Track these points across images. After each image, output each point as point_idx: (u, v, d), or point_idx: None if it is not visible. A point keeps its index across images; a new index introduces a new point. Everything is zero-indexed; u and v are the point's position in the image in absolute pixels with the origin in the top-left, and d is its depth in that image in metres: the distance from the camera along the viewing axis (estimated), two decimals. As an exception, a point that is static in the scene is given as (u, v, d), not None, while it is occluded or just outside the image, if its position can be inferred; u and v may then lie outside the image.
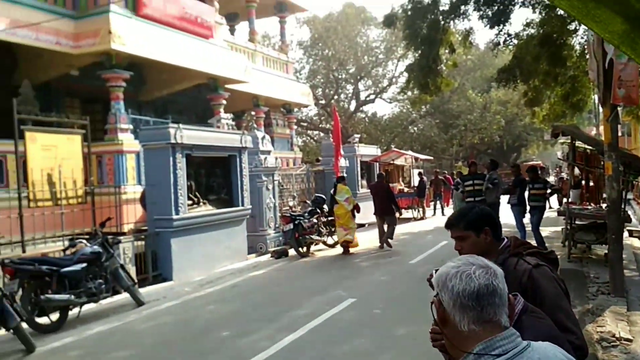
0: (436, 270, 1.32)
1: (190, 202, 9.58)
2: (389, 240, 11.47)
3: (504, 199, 10.89)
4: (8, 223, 7.62)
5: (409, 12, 13.97)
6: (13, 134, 7.71)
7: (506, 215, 10.62)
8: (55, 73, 11.56)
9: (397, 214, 12.26)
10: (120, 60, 11.25)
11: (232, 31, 19.66)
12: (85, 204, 8.99)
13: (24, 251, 7.72)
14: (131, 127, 11.55)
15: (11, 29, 9.69)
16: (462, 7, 13.24)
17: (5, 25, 9.59)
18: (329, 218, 12.07)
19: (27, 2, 10.29)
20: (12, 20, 9.72)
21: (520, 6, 12.75)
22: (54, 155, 8.47)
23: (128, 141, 11.17)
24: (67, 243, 7.26)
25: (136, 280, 7.82)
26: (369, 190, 14.64)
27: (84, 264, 6.69)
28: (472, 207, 2.12)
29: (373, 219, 12.54)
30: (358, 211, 11.53)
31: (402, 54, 30.16)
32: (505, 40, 13.65)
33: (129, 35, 10.88)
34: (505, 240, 2.06)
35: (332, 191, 11.85)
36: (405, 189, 19.29)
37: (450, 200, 19.10)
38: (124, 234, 9.32)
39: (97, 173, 10.81)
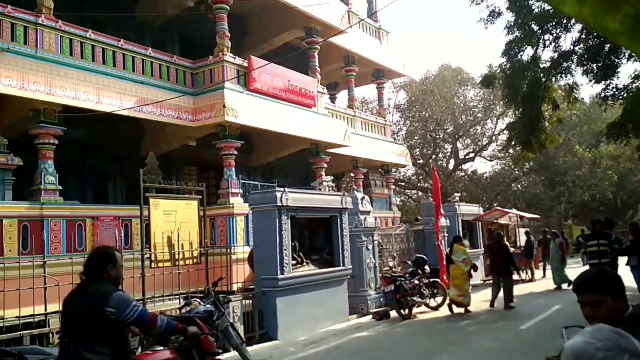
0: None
1: (294, 262, 9.94)
2: (510, 304, 11.27)
3: (622, 260, 10.16)
4: (131, 282, 8.34)
5: (508, 72, 13.92)
6: (139, 200, 8.57)
7: (626, 278, 9.85)
8: (176, 144, 12.78)
9: (515, 275, 12.02)
10: (232, 130, 12.24)
11: (332, 99, 20.66)
12: (200, 264, 9.64)
13: (145, 308, 8.38)
14: (241, 191, 12.36)
15: (139, 106, 10.96)
16: (565, 64, 12.98)
17: (134, 103, 10.88)
18: (431, 279, 11.89)
19: (153, 83, 11.64)
20: (140, 99, 11.00)
21: (628, 60, 12.27)
22: (173, 219, 9.26)
23: (238, 204, 11.93)
24: (182, 301, 7.78)
25: (244, 339, 8.14)
26: (482, 250, 14.30)
27: (198, 322, 7.13)
28: (604, 270, 2.02)
29: (478, 280, 12.21)
30: (475, 270, 11.49)
31: (502, 112, 29.63)
32: (613, 94, 13.10)
33: (241, 108, 11.86)
34: (630, 308, 1.91)
35: (447, 250, 11.87)
36: (511, 249, 18.46)
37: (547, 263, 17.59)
38: (233, 292, 9.83)
39: (210, 235, 11.58)
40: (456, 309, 11.09)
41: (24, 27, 9.59)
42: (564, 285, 14.10)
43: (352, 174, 18.14)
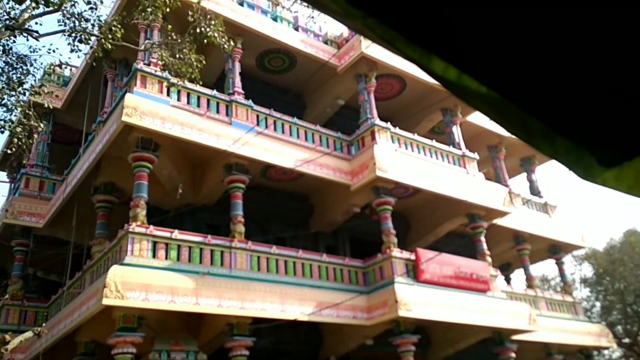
0: None
1: None
2: None
3: None
4: None
5: None
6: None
7: None
8: (353, 344, 12.88)
9: None
10: (408, 325, 12.11)
11: (507, 280, 19.68)
12: None
13: None
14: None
15: (318, 311, 11.54)
16: None
17: (312, 308, 11.51)
18: None
19: (328, 286, 12.34)
20: (318, 303, 11.63)
21: None
22: None
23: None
24: None
25: None
26: None
27: None
28: None
29: None
30: None
31: None
32: None
33: (414, 302, 11.86)
34: None
35: None
36: None
37: None
38: None
39: None
40: None
41: (221, 252, 11.18)
42: None
43: (544, 365, 16.22)
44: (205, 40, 9.78)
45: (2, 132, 9.33)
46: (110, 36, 8.89)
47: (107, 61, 13.30)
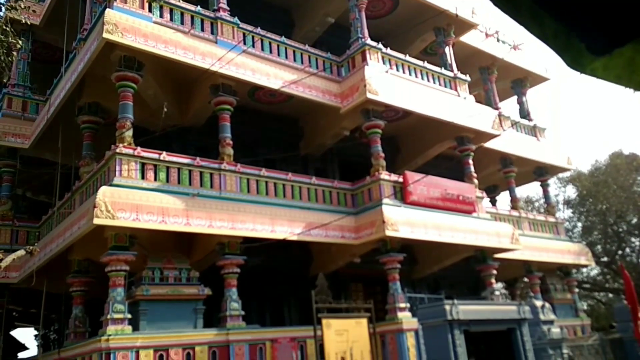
0: None
1: (474, 381, 9.32)
2: None
3: None
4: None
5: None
6: (312, 321, 8.94)
7: None
8: (341, 262, 13.30)
9: None
10: (394, 244, 12.45)
11: (493, 202, 20.09)
12: (375, 385, 9.48)
13: None
14: (408, 305, 12.22)
15: (307, 230, 11.79)
16: None
17: (302, 228, 11.74)
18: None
19: (317, 207, 12.52)
20: (307, 223, 11.85)
21: None
22: (345, 339, 9.38)
23: (407, 319, 11.75)
24: None
25: None
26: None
27: None
28: None
29: None
30: None
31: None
32: None
33: (400, 222, 12.13)
34: None
35: None
36: None
37: None
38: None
39: (382, 353, 11.44)
40: None
41: (210, 174, 11.21)
42: None
43: (526, 279, 16.93)
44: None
45: (-21, 50, 8.98)
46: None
47: (84, -26, 12.63)
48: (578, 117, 68.68)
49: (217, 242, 10.91)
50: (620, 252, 31.44)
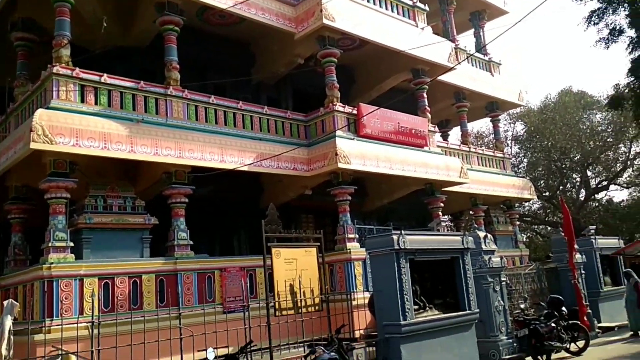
0: None
1: (416, 307, 9.65)
2: None
3: None
4: (258, 331, 8.63)
5: (638, 90, 12.81)
6: (262, 250, 8.95)
7: None
8: (293, 194, 13.25)
9: None
10: (346, 177, 12.45)
11: (445, 137, 20.29)
12: (321, 311, 9.72)
13: (271, 358, 8.56)
14: (357, 236, 12.42)
15: (258, 161, 11.59)
16: None
17: (253, 159, 11.52)
18: (570, 322, 10.91)
19: (269, 138, 12.28)
20: (258, 154, 11.63)
21: None
22: (294, 267, 9.50)
23: (355, 249, 11.97)
24: (307, 350, 7.86)
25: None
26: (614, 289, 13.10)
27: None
28: None
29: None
30: None
31: (636, 134, 27.08)
32: None
33: (353, 154, 12.08)
34: None
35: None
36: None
37: None
38: (356, 339, 9.74)
39: (330, 281, 11.69)
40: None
41: (155, 99, 10.69)
42: None
43: (471, 212, 17.47)
44: None
45: None
46: None
47: None
48: (534, 53, 69.45)
49: (163, 171, 10.58)
50: (561, 187, 32.89)
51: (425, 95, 15.24)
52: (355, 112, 13.01)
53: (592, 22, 12.77)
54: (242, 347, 7.59)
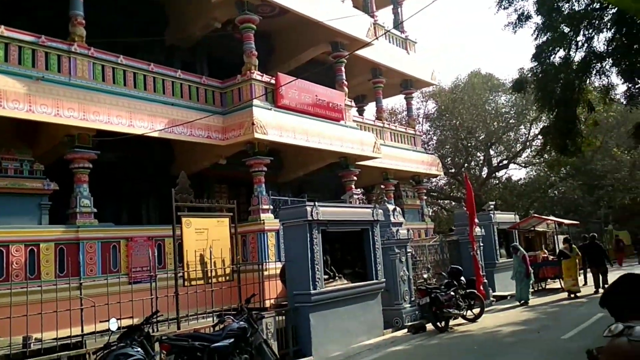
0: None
1: (326, 276, 9.87)
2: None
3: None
4: (165, 301, 8.44)
5: (540, 75, 13.62)
6: (171, 219, 8.69)
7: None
8: (206, 163, 12.95)
9: (608, 265, 15.35)
10: (262, 147, 12.34)
11: (361, 111, 20.65)
12: (232, 282, 9.67)
13: (178, 327, 8.41)
14: (271, 207, 12.42)
15: (170, 128, 11.17)
16: (599, 65, 12.62)
17: (165, 125, 11.09)
18: (468, 290, 11.65)
19: (183, 104, 11.86)
20: (170, 120, 11.21)
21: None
22: (205, 237, 9.34)
23: (269, 220, 11.98)
24: (216, 319, 7.81)
25: (278, 356, 8.11)
26: (509, 260, 14.20)
27: (232, 339, 7.10)
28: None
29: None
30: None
31: (535, 117, 29.04)
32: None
33: (270, 125, 11.96)
34: None
35: (562, 247, 15.81)
36: (550, 257, 17.93)
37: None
38: (266, 309, 9.81)
39: (242, 251, 11.64)
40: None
41: (58, 56, 9.93)
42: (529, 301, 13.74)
43: (382, 186, 18.04)
44: None
45: None
46: None
47: None
48: (450, 34, 71.94)
49: (65, 134, 9.93)
50: (466, 165, 34.75)
51: (343, 69, 15.35)
52: (273, 81, 12.85)
53: (503, 6, 13.31)
54: (147, 317, 7.38)
